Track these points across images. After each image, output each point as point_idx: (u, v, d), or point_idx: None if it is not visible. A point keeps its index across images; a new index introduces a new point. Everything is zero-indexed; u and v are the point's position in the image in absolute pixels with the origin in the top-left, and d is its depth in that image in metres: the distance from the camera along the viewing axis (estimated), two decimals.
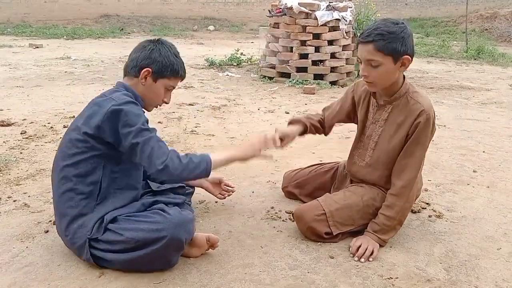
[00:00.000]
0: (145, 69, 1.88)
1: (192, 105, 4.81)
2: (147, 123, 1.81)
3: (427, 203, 2.54)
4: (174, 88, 2.01)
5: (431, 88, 6.15)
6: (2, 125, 3.82)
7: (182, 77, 2.00)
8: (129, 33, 13.12)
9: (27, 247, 2.00)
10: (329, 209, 2.06)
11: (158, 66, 1.89)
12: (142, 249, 1.74)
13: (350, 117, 2.31)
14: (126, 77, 1.95)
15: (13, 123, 3.90)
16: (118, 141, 1.77)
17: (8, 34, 11.80)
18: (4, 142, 3.43)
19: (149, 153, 1.74)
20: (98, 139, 1.78)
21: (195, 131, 3.90)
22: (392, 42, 1.86)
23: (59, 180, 1.84)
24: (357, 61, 2.06)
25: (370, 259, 1.95)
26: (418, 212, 2.43)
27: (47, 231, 2.12)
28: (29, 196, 2.53)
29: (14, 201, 2.46)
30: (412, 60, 1.94)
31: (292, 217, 2.22)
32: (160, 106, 2.03)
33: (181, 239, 1.75)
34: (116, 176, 1.86)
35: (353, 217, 2.09)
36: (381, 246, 2.04)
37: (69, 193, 1.81)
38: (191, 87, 5.75)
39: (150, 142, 1.76)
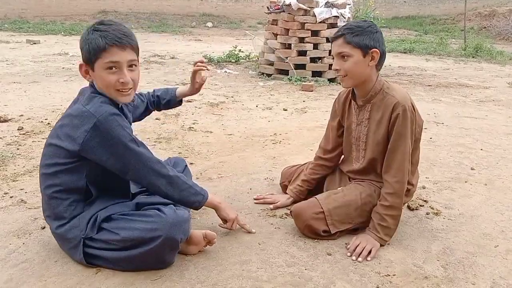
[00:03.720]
0: (79, 65, 1.76)
1: (190, 101, 4.80)
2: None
3: (425, 201, 2.54)
4: (118, 61, 1.70)
5: (429, 85, 6.15)
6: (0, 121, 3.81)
7: (111, 44, 1.66)
8: None
9: (23, 243, 1.99)
10: (327, 207, 2.06)
11: (84, 54, 1.71)
12: (137, 248, 1.73)
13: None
14: None
15: (10, 119, 3.88)
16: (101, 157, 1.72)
17: (5, 30, 11.75)
18: (0, 138, 3.42)
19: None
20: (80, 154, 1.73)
21: (193, 128, 3.89)
22: (359, 35, 1.97)
23: (44, 188, 1.80)
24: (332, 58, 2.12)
25: (368, 259, 1.95)
26: (416, 209, 2.43)
27: (44, 228, 2.11)
28: (25, 192, 2.52)
29: (11, 197, 2.45)
30: (381, 55, 2.00)
31: (290, 214, 2.21)
32: (123, 89, 1.74)
33: (176, 238, 1.73)
34: (102, 178, 1.81)
35: (351, 215, 2.09)
36: (381, 245, 2.03)
37: (56, 200, 1.77)
38: (189, 83, 5.73)
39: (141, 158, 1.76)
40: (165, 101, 2.31)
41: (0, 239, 2.02)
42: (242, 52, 7.60)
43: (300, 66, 6.19)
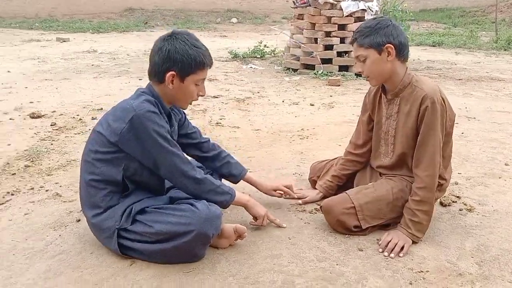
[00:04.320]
0: (168, 74, 1.82)
1: (217, 97, 4.83)
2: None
3: (458, 197, 2.49)
4: (204, 79, 1.93)
5: (459, 79, 6.01)
6: (33, 117, 3.92)
7: (209, 66, 1.90)
8: (153, 27, 13.24)
9: (60, 235, 2.05)
10: (358, 202, 2.05)
11: (180, 66, 1.82)
12: (170, 241, 1.76)
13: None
14: (152, 81, 1.90)
15: (43, 115, 3.99)
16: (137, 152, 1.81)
17: (36, 29, 12.07)
18: (35, 133, 3.52)
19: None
20: (118, 145, 1.80)
21: (220, 123, 3.91)
22: (369, 36, 1.98)
23: (84, 175, 1.87)
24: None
25: (400, 255, 1.92)
26: (449, 205, 2.39)
27: (79, 220, 2.17)
28: (60, 186, 2.59)
29: (46, 190, 2.53)
30: (398, 47, 1.97)
31: (320, 209, 2.20)
32: (197, 100, 1.96)
33: (208, 234, 1.76)
34: (139, 172, 1.87)
35: (383, 210, 2.07)
36: (414, 242, 2.00)
37: (94, 188, 1.84)
38: (215, 79, 5.77)
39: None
40: (225, 168, 2.28)
41: (37, 231, 2.09)
42: (267, 47, 7.59)
43: (326, 61, 6.13)
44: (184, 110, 2.15)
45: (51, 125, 3.71)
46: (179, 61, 1.80)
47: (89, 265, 1.82)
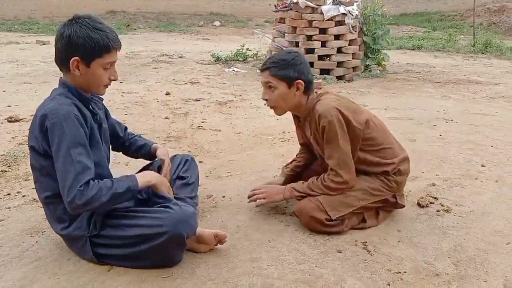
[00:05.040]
0: (72, 60, 1.73)
1: (199, 100, 4.82)
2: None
3: (435, 198, 2.53)
4: (114, 61, 1.81)
5: (438, 82, 6.11)
6: (11, 121, 3.85)
7: (115, 48, 1.78)
8: (135, 29, 13.13)
9: (36, 241, 2.02)
10: (324, 198, 2.13)
11: (83, 50, 1.71)
12: (144, 244, 1.74)
13: None
14: (62, 72, 1.82)
15: (21, 119, 3.92)
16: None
17: (16, 31, 11.86)
18: (12, 138, 3.46)
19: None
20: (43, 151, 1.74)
21: (201, 126, 3.90)
22: (284, 69, 2.11)
23: (39, 195, 1.85)
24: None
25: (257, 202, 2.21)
26: (426, 206, 2.42)
27: None
28: None
29: (23, 196, 2.48)
30: (305, 85, 2.13)
31: (295, 215, 2.24)
32: (109, 84, 1.87)
33: (182, 234, 1.73)
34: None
35: (348, 200, 2.14)
36: (286, 199, 2.23)
37: (52, 204, 1.81)
38: (197, 82, 5.75)
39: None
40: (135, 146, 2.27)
41: (13, 237, 2.05)
42: (249, 50, 7.61)
43: None
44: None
45: (29, 129, 3.64)
46: (81, 46, 1.71)
47: (66, 272, 1.80)
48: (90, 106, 1.86)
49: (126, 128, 2.29)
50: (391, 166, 2.20)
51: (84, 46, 1.71)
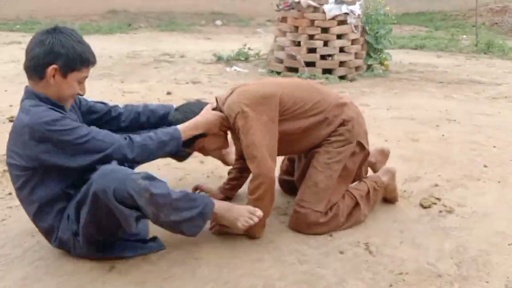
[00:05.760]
0: (50, 68, 1.71)
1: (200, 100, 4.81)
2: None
3: (438, 198, 2.52)
4: (87, 77, 1.84)
5: (441, 82, 6.09)
6: (12, 121, 3.84)
7: (93, 63, 1.82)
8: (137, 29, 13.13)
9: (38, 241, 2.02)
10: (299, 197, 2.13)
11: (64, 60, 1.71)
12: (99, 209, 1.68)
13: None
14: (31, 80, 1.79)
15: None
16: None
17: (17, 31, 11.87)
18: None
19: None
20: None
21: None
22: None
23: (28, 212, 1.87)
24: None
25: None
26: (429, 207, 2.41)
27: None
28: None
29: None
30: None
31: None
32: (76, 99, 1.91)
33: (104, 188, 1.62)
34: (59, 184, 1.81)
35: (323, 186, 2.10)
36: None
37: (38, 213, 1.82)
38: (199, 82, 5.75)
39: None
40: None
41: (15, 238, 2.05)
42: (251, 50, 7.59)
43: (310, 64, 6.16)
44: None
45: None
46: (64, 55, 1.71)
47: (67, 271, 1.80)
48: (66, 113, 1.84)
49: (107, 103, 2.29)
50: (323, 114, 2.10)
51: (66, 56, 1.72)
